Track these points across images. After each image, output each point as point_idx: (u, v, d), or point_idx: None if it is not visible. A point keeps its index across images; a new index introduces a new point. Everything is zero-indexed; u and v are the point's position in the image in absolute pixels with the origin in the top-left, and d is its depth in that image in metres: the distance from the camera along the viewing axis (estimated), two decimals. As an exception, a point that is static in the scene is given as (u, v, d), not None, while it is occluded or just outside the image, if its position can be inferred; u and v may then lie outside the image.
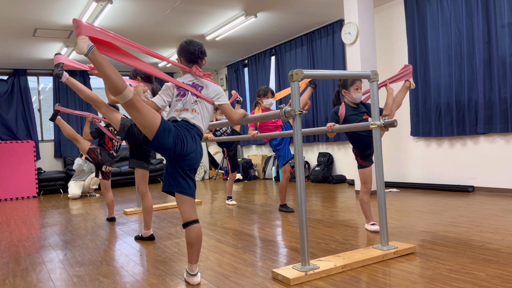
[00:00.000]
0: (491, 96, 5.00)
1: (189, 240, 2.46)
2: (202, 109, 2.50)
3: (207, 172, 10.02)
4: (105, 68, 2.19)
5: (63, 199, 7.52)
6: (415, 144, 5.99)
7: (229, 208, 5.36)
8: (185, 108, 2.46)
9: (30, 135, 8.92)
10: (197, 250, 2.49)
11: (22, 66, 8.83)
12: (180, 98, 2.48)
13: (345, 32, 5.68)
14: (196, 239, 2.46)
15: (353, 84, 3.47)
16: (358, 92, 3.48)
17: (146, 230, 3.78)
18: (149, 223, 3.78)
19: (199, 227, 2.47)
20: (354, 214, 4.36)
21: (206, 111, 2.53)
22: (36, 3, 5.30)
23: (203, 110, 2.50)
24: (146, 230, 3.78)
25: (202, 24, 6.70)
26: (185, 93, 2.49)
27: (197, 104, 2.49)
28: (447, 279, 2.32)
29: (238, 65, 9.73)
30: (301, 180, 2.52)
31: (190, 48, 2.57)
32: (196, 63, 2.60)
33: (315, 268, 2.49)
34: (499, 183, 5.08)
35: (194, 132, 2.45)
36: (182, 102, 2.47)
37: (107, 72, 2.20)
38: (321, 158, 7.60)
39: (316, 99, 7.55)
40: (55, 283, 2.70)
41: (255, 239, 3.57)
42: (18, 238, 4.22)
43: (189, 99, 2.48)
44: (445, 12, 5.45)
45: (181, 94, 2.49)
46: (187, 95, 2.48)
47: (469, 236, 3.20)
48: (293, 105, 2.53)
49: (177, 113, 2.46)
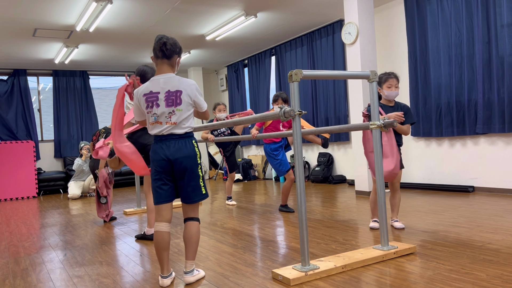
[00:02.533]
0: (490, 96, 5.00)
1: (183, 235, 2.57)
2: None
3: (207, 172, 10.02)
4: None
5: (63, 199, 7.52)
6: (415, 144, 5.98)
7: (229, 208, 5.36)
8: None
9: (30, 135, 8.91)
10: (189, 247, 2.52)
11: (22, 66, 8.83)
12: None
13: (345, 32, 5.68)
14: (186, 236, 2.52)
15: (386, 81, 3.49)
16: (390, 90, 3.48)
17: (149, 228, 3.80)
18: (152, 222, 3.79)
19: (190, 224, 2.52)
20: (354, 214, 4.36)
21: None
22: (36, 3, 5.30)
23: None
24: (149, 228, 3.80)
25: (202, 24, 6.70)
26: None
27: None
28: (447, 279, 2.31)
29: (238, 65, 9.73)
30: (301, 180, 2.52)
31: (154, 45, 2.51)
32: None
33: (315, 268, 2.49)
34: (499, 183, 5.08)
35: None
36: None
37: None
38: (321, 158, 7.60)
39: (316, 99, 7.55)
40: (55, 283, 2.70)
41: (255, 239, 3.57)
42: (18, 238, 4.22)
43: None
44: (445, 12, 5.45)
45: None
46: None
47: (469, 236, 3.19)
48: (293, 105, 2.52)
49: None
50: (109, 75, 10.09)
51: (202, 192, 2.52)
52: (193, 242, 2.52)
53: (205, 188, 2.54)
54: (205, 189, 2.54)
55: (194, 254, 2.54)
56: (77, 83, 9.50)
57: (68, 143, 9.31)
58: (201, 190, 2.51)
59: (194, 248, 2.53)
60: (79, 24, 6.01)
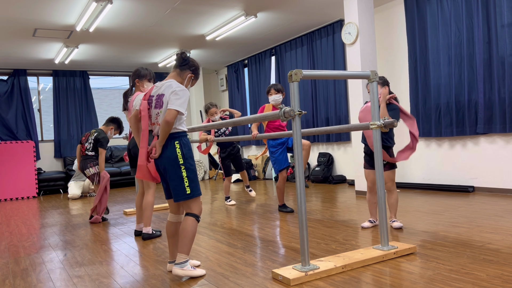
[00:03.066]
0: (491, 96, 5.00)
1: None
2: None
3: (207, 172, 10.02)
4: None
5: (63, 199, 7.52)
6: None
7: (229, 208, 5.36)
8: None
9: (30, 135, 8.91)
10: (180, 240, 2.60)
11: (22, 66, 8.83)
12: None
13: (345, 32, 5.68)
14: (179, 229, 2.65)
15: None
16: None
17: (144, 226, 3.84)
18: (147, 220, 3.83)
19: (185, 218, 2.62)
20: (354, 214, 4.36)
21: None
22: (36, 3, 5.29)
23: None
24: (144, 226, 3.84)
25: (202, 24, 6.70)
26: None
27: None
28: (447, 279, 2.31)
29: (238, 65, 9.73)
30: (301, 180, 2.52)
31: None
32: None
33: (315, 268, 2.49)
34: (499, 183, 5.08)
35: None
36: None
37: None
38: (321, 158, 7.60)
39: (316, 99, 7.55)
40: (55, 283, 2.70)
41: (255, 239, 3.57)
42: (18, 238, 4.22)
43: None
44: (445, 12, 5.45)
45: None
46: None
47: (469, 236, 3.19)
48: (293, 105, 2.52)
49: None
50: (109, 75, 10.09)
51: (186, 192, 2.56)
52: (183, 236, 2.57)
53: (191, 188, 2.57)
54: (192, 189, 2.57)
55: (185, 247, 2.58)
56: (77, 83, 9.50)
57: (68, 143, 9.31)
58: (184, 191, 2.56)
59: (185, 241, 2.57)
60: (79, 24, 6.01)
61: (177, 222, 2.73)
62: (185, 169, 2.56)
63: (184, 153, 2.57)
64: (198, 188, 2.61)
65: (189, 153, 2.59)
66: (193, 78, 2.74)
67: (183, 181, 2.55)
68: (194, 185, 2.58)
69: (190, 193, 2.57)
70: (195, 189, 2.59)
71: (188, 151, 2.59)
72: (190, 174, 2.57)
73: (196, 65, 2.75)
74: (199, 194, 2.61)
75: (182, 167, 2.55)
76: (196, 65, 2.75)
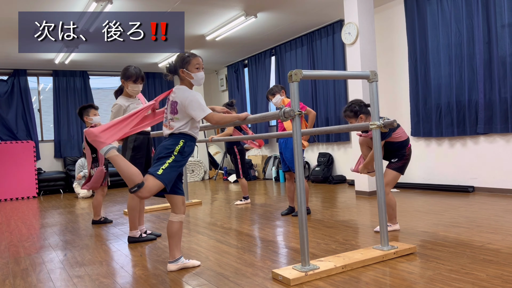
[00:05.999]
0: (491, 96, 5.00)
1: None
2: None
3: (207, 172, 10.01)
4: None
5: (63, 199, 7.52)
6: (415, 144, 5.98)
7: (229, 208, 5.35)
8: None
9: (30, 135, 8.91)
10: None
11: (22, 66, 8.83)
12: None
13: (345, 32, 5.68)
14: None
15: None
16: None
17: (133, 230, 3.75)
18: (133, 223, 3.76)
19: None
20: (354, 214, 4.36)
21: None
22: (36, 3, 5.29)
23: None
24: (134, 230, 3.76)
25: (202, 24, 6.70)
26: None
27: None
28: (447, 279, 2.31)
29: (238, 65, 9.73)
30: (301, 180, 2.52)
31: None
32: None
33: (315, 268, 2.49)
34: (499, 183, 5.08)
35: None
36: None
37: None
38: (321, 158, 7.60)
39: (316, 99, 7.55)
40: (55, 284, 2.70)
41: (255, 239, 3.57)
42: (18, 238, 4.22)
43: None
44: (445, 12, 5.45)
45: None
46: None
47: (469, 236, 3.19)
48: (293, 105, 2.52)
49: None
50: (109, 75, 10.09)
51: (157, 171, 2.60)
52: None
53: (164, 172, 2.61)
54: (163, 173, 2.60)
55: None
56: (77, 83, 9.50)
57: (68, 143, 9.30)
58: (157, 169, 2.62)
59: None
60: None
61: (174, 221, 2.79)
62: (173, 161, 2.64)
63: (182, 150, 2.68)
64: (168, 178, 2.61)
65: (186, 153, 2.70)
66: (188, 66, 2.70)
67: (163, 164, 2.62)
68: (167, 172, 2.61)
69: (160, 174, 2.58)
70: (165, 176, 2.60)
71: (187, 151, 2.70)
72: (174, 164, 2.64)
73: (180, 57, 2.73)
74: (164, 182, 2.60)
75: (172, 156, 2.64)
76: (180, 56, 2.73)
